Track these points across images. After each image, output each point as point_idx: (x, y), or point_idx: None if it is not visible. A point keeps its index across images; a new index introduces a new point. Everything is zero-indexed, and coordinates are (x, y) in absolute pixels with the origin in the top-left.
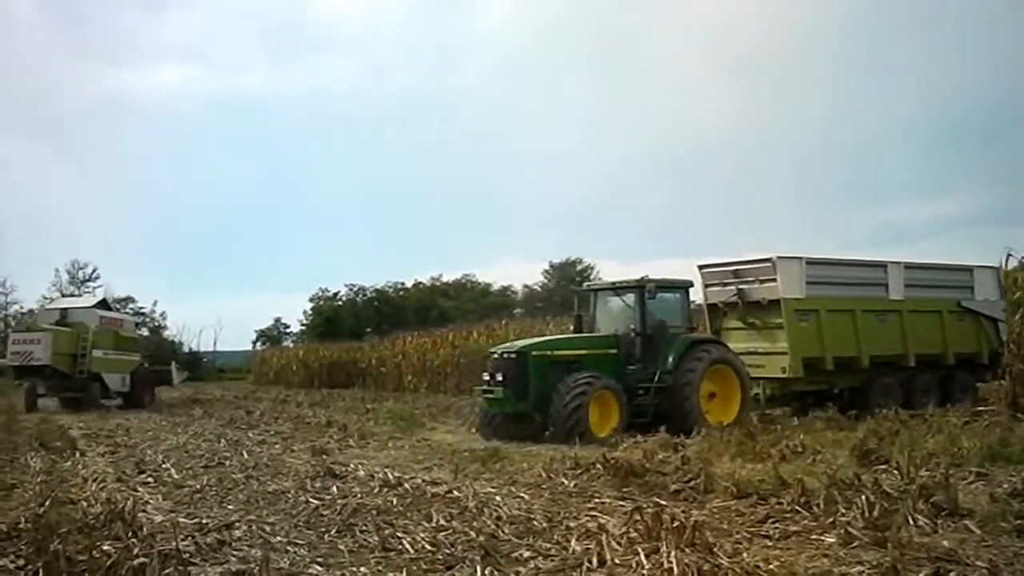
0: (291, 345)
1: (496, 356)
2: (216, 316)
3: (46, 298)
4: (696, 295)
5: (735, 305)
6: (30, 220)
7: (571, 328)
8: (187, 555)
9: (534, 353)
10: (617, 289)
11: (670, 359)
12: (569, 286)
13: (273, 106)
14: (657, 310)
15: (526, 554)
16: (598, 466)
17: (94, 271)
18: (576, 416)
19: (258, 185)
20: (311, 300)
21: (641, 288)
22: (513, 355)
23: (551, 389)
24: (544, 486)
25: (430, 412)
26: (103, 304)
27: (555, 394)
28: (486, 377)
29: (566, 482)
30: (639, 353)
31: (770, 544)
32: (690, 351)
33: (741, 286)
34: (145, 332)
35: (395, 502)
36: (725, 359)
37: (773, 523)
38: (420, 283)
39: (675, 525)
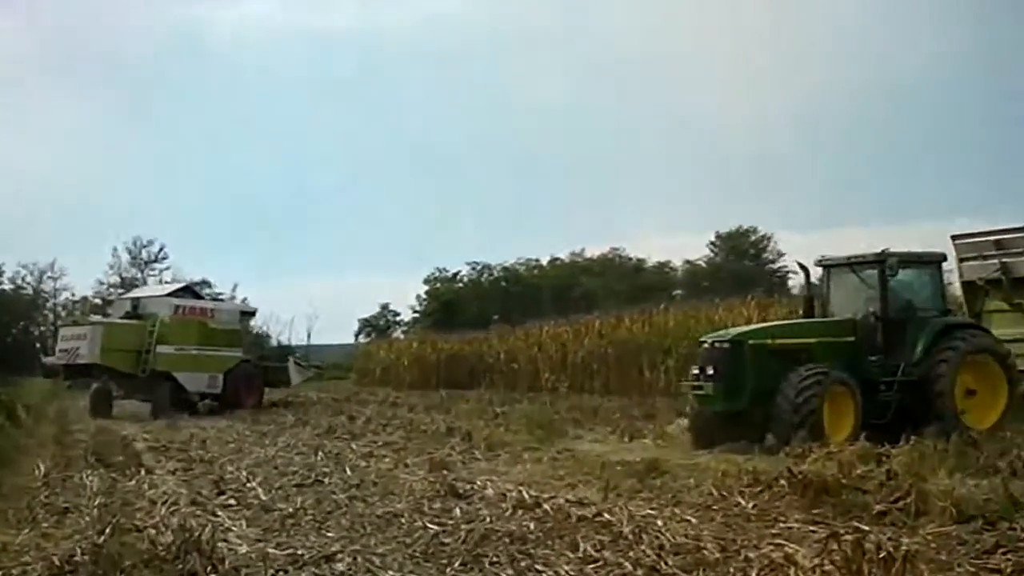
0: (401, 336)
1: (707, 345)
2: (309, 302)
3: (102, 283)
4: (950, 271)
5: (998, 283)
6: (85, 193)
7: (794, 312)
8: None
9: (751, 342)
10: (853, 265)
11: (918, 348)
12: (742, 260)
13: (371, 47)
14: (903, 289)
15: None
16: (782, 482)
17: (160, 250)
18: (806, 417)
19: (355, 143)
20: (426, 282)
21: (881, 263)
22: (726, 344)
23: (771, 384)
24: (715, 507)
25: (573, 417)
26: (187, 291)
27: (780, 390)
28: (694, 371)
29: (743, 502)
30: (880, 341)
31: None
32: (943, 338)
33: (1005, 259)
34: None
35: (532, 527)
36: (986, 347)
37: (1004, 554)
38: (558, 260)
39: (880, 556)
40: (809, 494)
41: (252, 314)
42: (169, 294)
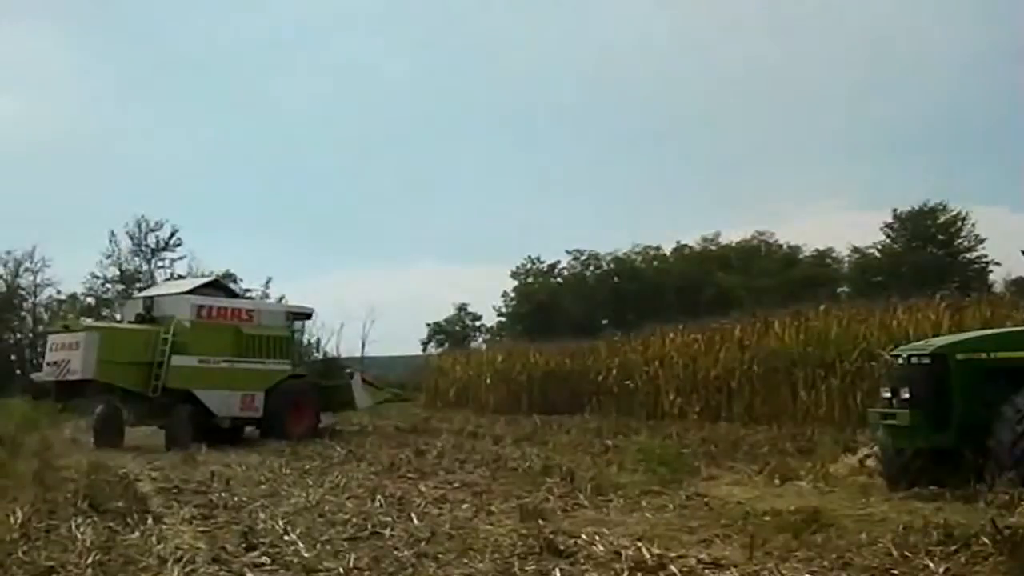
0: (483, 347)
1: (900, 362)
2: (363, 303)
3: (96, 278)
4: None
5: None
6: (73, 165)
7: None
8: None
9: (959, 356)
10: None
11: None
12: (928, 248)
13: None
14: None
15: None
16: (983, 539)
17: (172, 235)
18: (1022, 455)
19: (422, 103)
20: (515, 276)
21: None
22: (926, 359)
23: (986, 412)
24: (895, 571)
25: (706, 451)
26: (215, 287)
27: (997, 420)
28: (885, 394)
29: (931, 565)
30: None
31: None
32: None
33: None
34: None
35: None
36: None
37: None
38: (685, 248)
39: None
40: (1019, 555)
41: (307, 317)
42: (190, 291)
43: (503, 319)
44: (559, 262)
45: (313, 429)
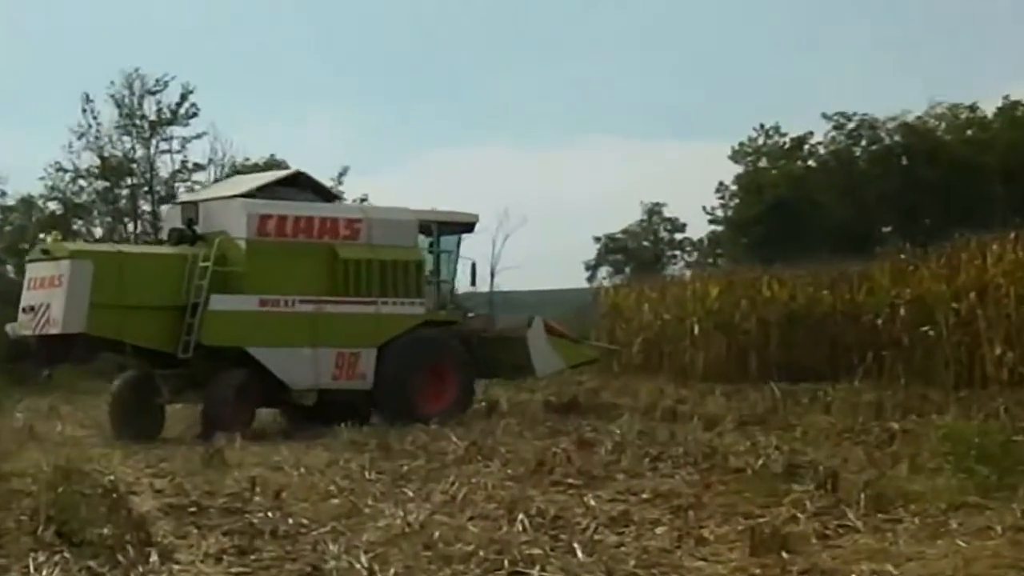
0: (686, 274)
1: None
2: (491, 204)
3: (63, 170)
4: None
5: None
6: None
7: None
8: None
9: None
10: None
11: None
12: None
13: None
14: None
15: None
16: None
17: (184, 100)
18: None
19: None
20: (737, 158)
21: None
22: None
23: None
24: None
25: None
26: (298, 183)
27: None
28: None
29: None
30: None
31: None
32: None
33: None
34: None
35: None
36: None
37: None
38: (1020, 106)
39: None
40: None
41: (464, 228)
42: (248, 193)
43: (718, 228)
44: (810, 134)
45: (461, 405)
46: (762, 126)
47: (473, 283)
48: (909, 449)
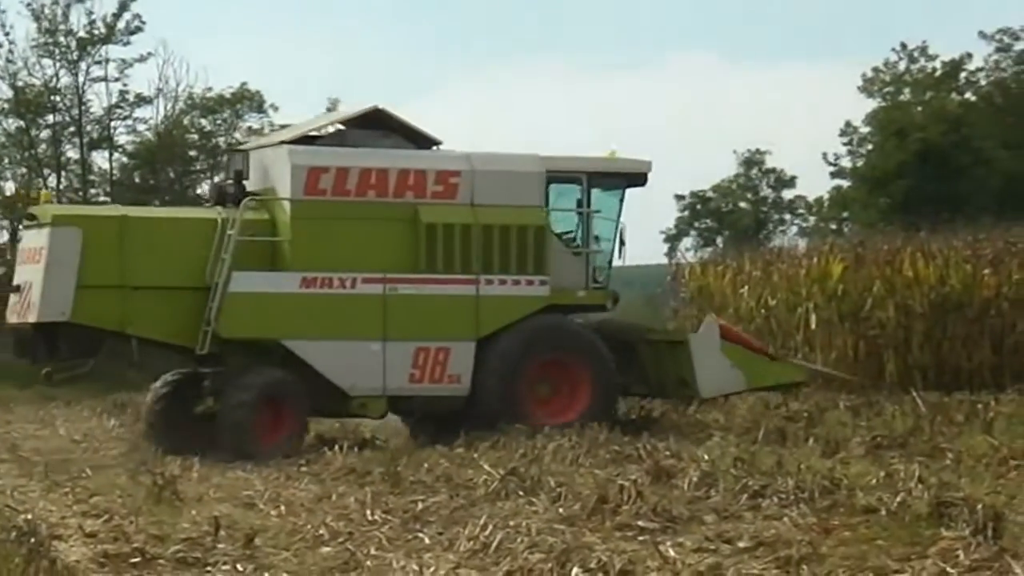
0: (799, 244)
1: None
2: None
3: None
4: None
5: None
6: None
7: None
8: None
9: None
10: None
11: None
12: None
13: None
14: None
15: None
16: None
17: (125, 7)
18: None
19: None
20: (866, 88)
21: None
22: None
23: None
24: None
25: None
26: (380, 121)
27: None
28: None
29: None
30: None
31: None
32: None
33: None
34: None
35: None
36: None
37: None
38: None
39: None
40: None
41: (632, 181)
42: (297, 139)
43: (844, 183)
44: (967, 58)
45: (606, 410)
46: (903, 46)
47: (619, 256)
48: None
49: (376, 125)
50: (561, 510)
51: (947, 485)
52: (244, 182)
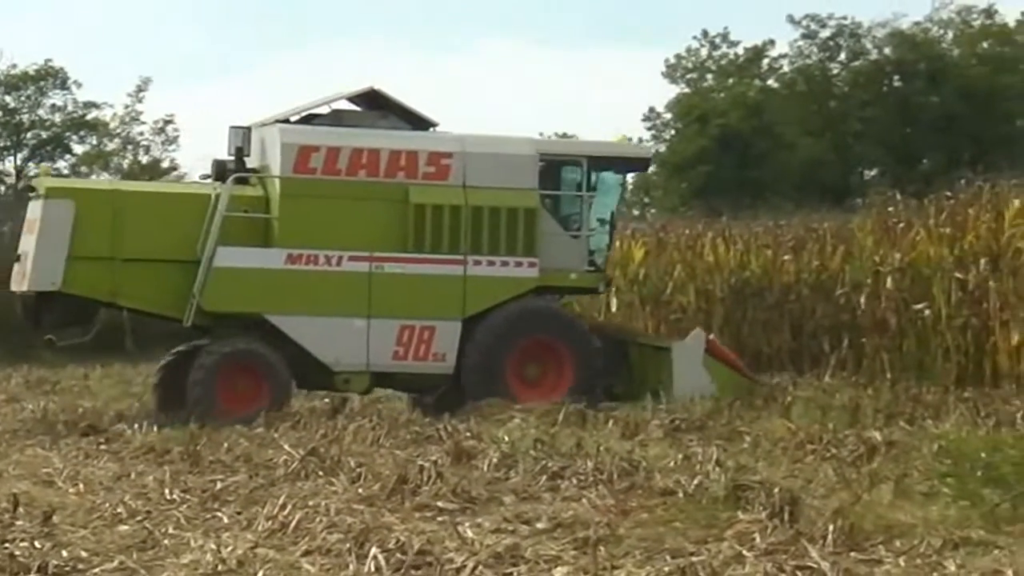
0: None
1: None
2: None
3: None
4: None
5: None
6: None
7: None
8: None
9: None
10: None
11: None
12: None
13: None
14: None
15: None
16: None
17: None
18: None
19: None
20: (669, 74)
21: None
22: None
23: None
24: None
25: None
26: (377, 101)
27: None
28: None
29: None
30: None
31: None
32: None
33: None
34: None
35: None
36: None
37: None
38: None
39: None
40: None
41: (634, 166)
42: (290, 119)
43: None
44: (770, 44)
45: (583, 394)
46: (705, 33)
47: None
48: (895, 467)
49: (373, 105)
50: (361, 490)
51: (744, 468)
52: (245, 159)
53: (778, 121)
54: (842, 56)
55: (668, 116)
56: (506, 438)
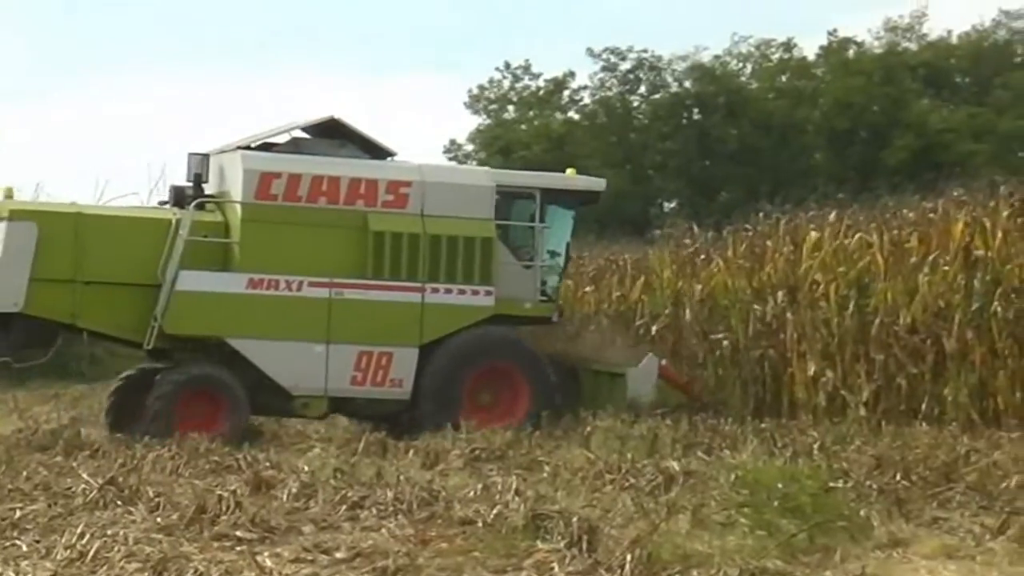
0: None
1: None
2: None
3: None
4: None
5: None
6: None
7: None
8: None
9: None
10: None
11: None
12: None
13: None
14: None
15: None
16: None
17: None
18: None
19: None
20: (471, 105)
21: None
22: None
23: None
24: None
25: (886, 486)
26: (339, 131)
27: None
28: None
29: None
30: None
31: None
32: None
33: None
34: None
35: None
36: None
37: None
38: (849, 44)
39: None
40: None
41: (585, 199)
42: (251, 146)
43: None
44: (571, 76)
45: (533, 419)
46: (507, 65)
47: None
48: (692, 497)
49: (332, 135)
50: (159, 520)
51: (543, 498)
52: (203, 185)
53: (580, 153)
54: (642, 89)
55: (470, 147)
56: (306, 468)
